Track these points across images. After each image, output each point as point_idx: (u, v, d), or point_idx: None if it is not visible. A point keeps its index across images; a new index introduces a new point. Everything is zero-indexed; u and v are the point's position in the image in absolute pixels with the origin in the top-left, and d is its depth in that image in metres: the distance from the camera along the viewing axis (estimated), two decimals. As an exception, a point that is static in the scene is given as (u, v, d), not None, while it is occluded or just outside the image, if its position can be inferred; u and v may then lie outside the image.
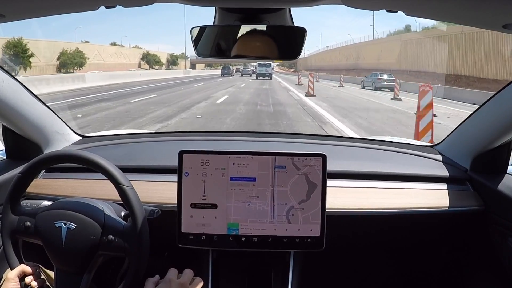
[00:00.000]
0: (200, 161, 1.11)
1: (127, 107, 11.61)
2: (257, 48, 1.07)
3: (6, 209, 1.06)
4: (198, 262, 1.22)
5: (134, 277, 1.01)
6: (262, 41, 1.06)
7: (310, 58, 66.97)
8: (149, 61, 56.68)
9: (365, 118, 9.98)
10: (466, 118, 1.42)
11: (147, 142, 1.68)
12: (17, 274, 1.02)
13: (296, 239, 1.11)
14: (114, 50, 51.19)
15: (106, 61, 45.35)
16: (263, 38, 1.06)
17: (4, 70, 1.18)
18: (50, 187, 1.34)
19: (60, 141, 1.52)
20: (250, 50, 1.07)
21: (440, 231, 1.43)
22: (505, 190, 1.25)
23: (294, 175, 1.11)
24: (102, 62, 44.37)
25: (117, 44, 56.44)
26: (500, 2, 0.67)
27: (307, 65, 63.46)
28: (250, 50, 1.07)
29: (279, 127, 8.24)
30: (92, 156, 1.04)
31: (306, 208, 1.11)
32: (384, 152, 1.57)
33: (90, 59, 41.43)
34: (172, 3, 0.85)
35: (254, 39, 1.06)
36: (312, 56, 67.63)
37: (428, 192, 1.35)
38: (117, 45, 55.99)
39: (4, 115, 1.27)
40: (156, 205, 1.16)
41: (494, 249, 1.31)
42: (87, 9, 0.84)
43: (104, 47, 49.15)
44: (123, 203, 1.03)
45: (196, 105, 12.22)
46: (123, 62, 49.01)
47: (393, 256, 1.60)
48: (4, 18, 0.79)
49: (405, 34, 35.13)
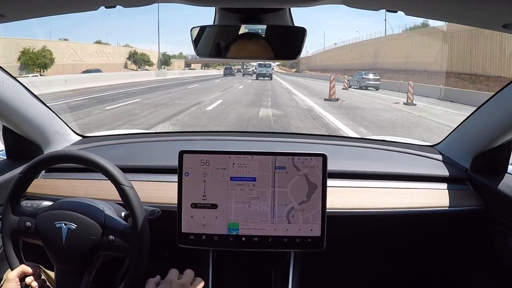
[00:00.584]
0: (200, 161, 1.11)
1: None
2: (257, 48, 1.07)
3: (6, 209, 1.06)
4: (198, 262, 1.22)
5: (135, 277, 1.01)
6: (262, 41, 1.06)
7: (314, 57, 62.26)
8: (136, 60, 51.04)
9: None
10: (466, 118, 1.42)
11: (147, 142, 1.68)
12: (17, 274, 1.02)
13: (296, 239, 1.11)
14: (95, 48, 45.33)
15: (85, 61, 40.23)
16: (263, 38, 1.06)
17: (4, 70, 1.18)
18: (50, 187, 1.34)
19: (60, 141, 1.52)
20: (250, 50, 1.07)
21: (440, 231, 1.43)
22: (505, 190, 1.25)
23: (294, 176, 1.11)
24: (79, 62, 39.57)
25: (102, 43, 50.24)
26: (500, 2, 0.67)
27: (311, 65, 60.26)
28: (250, 50, 1.07)
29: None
30: (93, 156, 1.04)
31: (306, 209, 1.11)
32: (384, 152, 1.57)
33: (64, 59, 37.04)
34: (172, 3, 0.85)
35: (254, 39, 1.06)
36: (317, 55, 62.41)
37: (428, 192, 1.35)
38: (102, 43, 49.95)
39: (4, 115, 1.27)
40: (156, 205, 1.16)
41: (494, 249, 1.31)
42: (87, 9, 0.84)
43: (83, 45, 43.30)
44: (124, 203, 1.03)
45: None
46: (106, 62, 43.54)
47: (393, 255, 1.60)
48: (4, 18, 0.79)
49: (451, 25, 22.98)
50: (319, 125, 8.67)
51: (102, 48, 46.90)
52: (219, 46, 1.09)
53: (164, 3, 0.85)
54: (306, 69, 60.92)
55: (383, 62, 33.46)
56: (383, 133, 7.70)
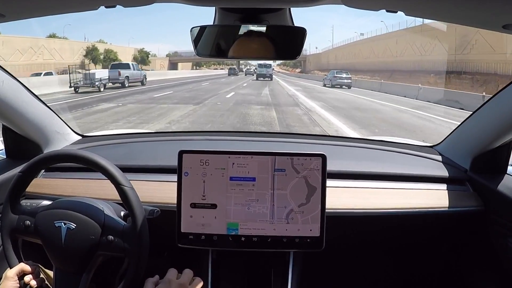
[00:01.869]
0: (200, 161, 1.11)
1: None
2: (257, 48, 1.07)
3: (6, 208, 1.06)
4: (198, 262, 1.22)
5: (134, 277, 1.01)
6: (262, 41, 1.06)
7: (326, 54, 49.57)
8: (95, 58, 37.96)
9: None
10: (466, 119, 1.42)
11: (147, 142, 1.68)
12: (16, 272, 1.02)
13: (295, 239, 1.11)
14: (30, 43, 31.11)
15: (10, 60, 27.62)
16: (263, 38, 1.06)
17: (5, 70, 1.19)
18: (50, 187, 1.34)
19: (60, 140, 1.52)
20: (250, 50, 1.07)
21: (440, 231, 1.43)
22: (505, 191, 1.25)
23: (293, 178, 1.11)
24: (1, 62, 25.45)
25: (57, 37, 36.80)
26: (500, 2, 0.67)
27: (321, 64, 47.59)
28: (250, 50, 1.07)
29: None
30: (92, 156, 1.04)
31: (305, 211, 1.11)
32: (384, 152, 1.57)
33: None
34: (172, 2, 0.85)
35: (254, 39, 1.06)
36: (330, 51, 48.40)
37: (428, 193, 1.35)
38: (57, 37, 36.58)
39: (4, 115, 1.27)
40: (156, 205, 1.16)
41: (494, 249, 1.31)
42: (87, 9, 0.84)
43: (9, 38, 29.30)
44: (123, 203, 1.03)
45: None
46: (46, 62, 31.20)
47: (393, 256, 1.60)
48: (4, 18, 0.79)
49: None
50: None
51: (38, 43, 32.23)
52: (219, 46, 1.09)
53: (164, 3, 0.85)
54: (315, 68, 49.15)
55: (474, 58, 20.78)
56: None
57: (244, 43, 1.06)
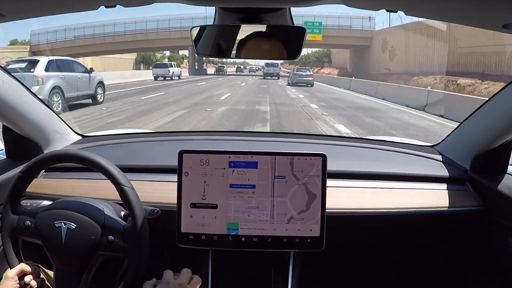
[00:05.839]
0: (200, 161, 1.11)
1: None
2: (257, 48, 1.07)
3: (6, 208, 1.06)
4: (198, 262, 1.22)
5: (134, 277, 1.01)
6: (262, 41, 1.06)
7: (393, 34, 27.84)
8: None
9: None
10: (466, 118, 1.42)
11: (147, 142, 1.68)
12: (16, 273, 1.02)
13: (295, 239, 1.11)
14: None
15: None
16: (263, 38, 1.06)
17: (5, 70, 1.18)
18: (50, 187, 1.34)
19: (60, 140, 1.52)
20: (250, 50, 1.07)
21: (440, 231, 1.43)
22: (505, 190, 1.25)
23: (293, 185, 1.10)
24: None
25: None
26: (500, 2, 0.67)
27: (384, 62, 27.45)
28: (250, 50, 1.07)
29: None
30: (92, 156, 1.04)
31: (305, 218, 1.11)
32: (384, 152, 1.57)
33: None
34: (172, 2, 0.85)
35: (254, 39, 1.07)
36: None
37: (428, 192, 1.35)
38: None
39: (4, 115, 1.27)
40: (156, 205, 1.16)
41: (494, 249, 1.31)
42: (87, 9, 0.84)
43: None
44: (123, 203, 1.03)
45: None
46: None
47: (393, 256, 1.59)
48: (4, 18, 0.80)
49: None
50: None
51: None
52: (219, 45, 1.09)
53: (164, 2, 0.85)
54: (369, 72, 27.68)
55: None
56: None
57: (244, 43, 1.06)
